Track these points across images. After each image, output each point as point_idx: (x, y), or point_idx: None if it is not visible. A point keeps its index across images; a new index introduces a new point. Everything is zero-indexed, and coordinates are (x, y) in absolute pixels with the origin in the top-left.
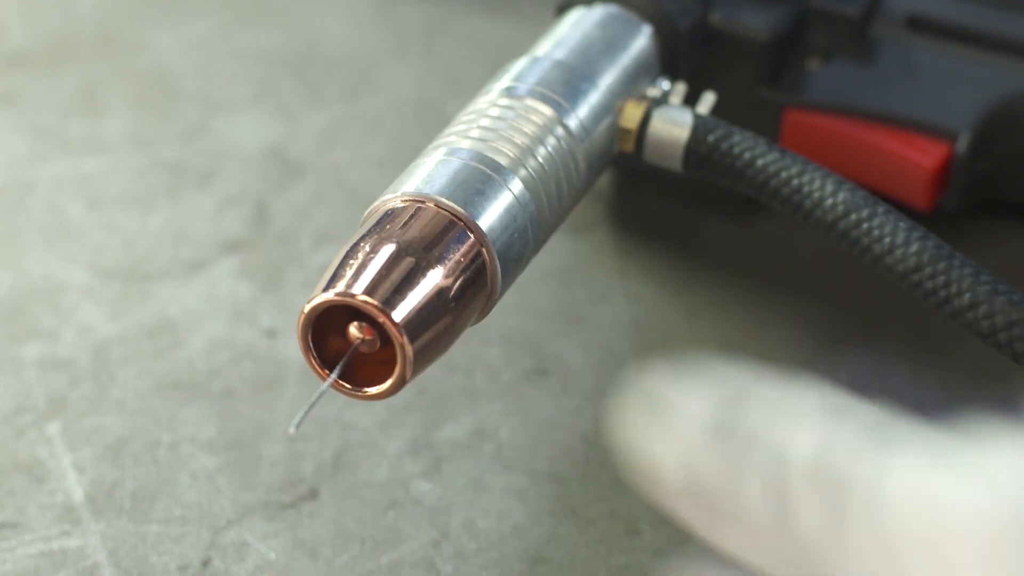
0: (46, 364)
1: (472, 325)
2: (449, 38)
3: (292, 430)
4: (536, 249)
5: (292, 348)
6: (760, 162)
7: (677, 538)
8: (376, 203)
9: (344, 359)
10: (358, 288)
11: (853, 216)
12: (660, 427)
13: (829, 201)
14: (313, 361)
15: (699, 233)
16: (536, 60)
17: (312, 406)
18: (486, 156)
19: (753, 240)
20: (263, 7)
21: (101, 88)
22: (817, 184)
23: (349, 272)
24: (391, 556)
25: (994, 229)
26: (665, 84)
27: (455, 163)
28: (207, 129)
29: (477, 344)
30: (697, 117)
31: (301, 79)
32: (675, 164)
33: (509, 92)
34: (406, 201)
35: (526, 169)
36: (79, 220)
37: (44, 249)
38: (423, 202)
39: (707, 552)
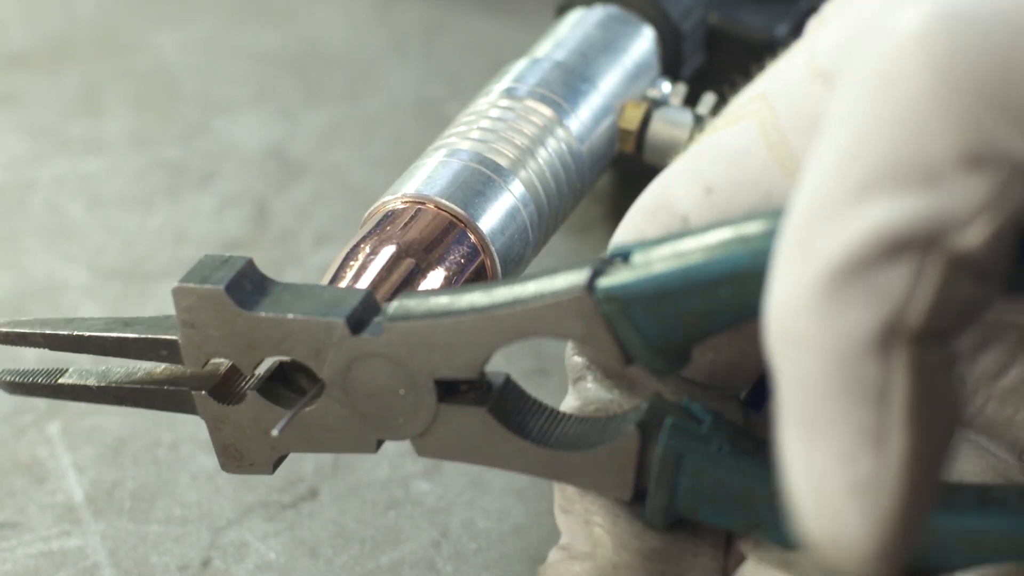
0: (46, 364)
1: None
2: (449, 38)
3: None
4: (536, 250)
5: None
6: None
7: None
8: (376, 204)
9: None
10: None
11: None
12: None
13: None
14: None
15: None
16: (536, 61)
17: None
18: (486, 157)
19: None
20: (263, 7)
21: (101, 88)
22: None
23: (349, 273)
24: (391, 556)
25: None
26: (665, 85)
27: (455, 164)
28: (207, 129)
29: None
30: (697, 118)
31: (301, 79)
32: None
33: (509, 93)
34: (406, 202)
35: (526, 170)
36: (79, 220)
37: (44, 249)
38: (423, 203)
39: None
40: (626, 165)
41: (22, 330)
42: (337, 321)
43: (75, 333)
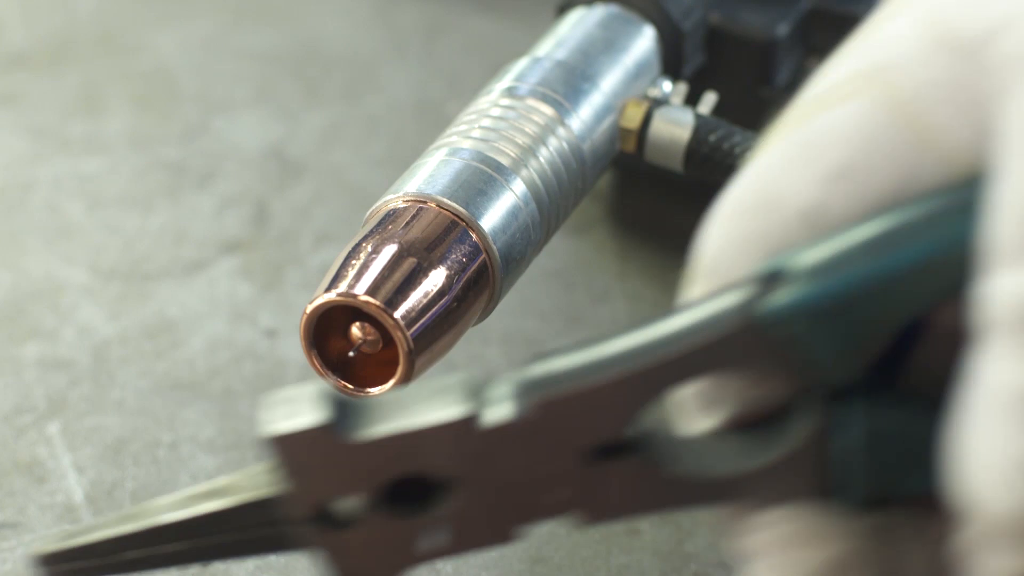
0: (46, 364)
1: (474, 325)
2: (449, 38)
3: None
4: (538, 249)
5: (292, 348)
6: None
7: (677, 538)
8: (378, 203)
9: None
10: (360, 288)
11: None
12: None
13: None
14: (315, 361)
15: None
16: (537, 60)
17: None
18: (488, 156)
19: None
20: (263, 7)
21: (101, 88)
22: None
23: (351, 272)
24: None
25: None
26: (666, 84)
27: (457, 163)
28: (207, 129)
29: (477, 344)
30: (698, 117)
31: (301, 79)
32: (676, 164)
33: (510, 92)
34: (408, 201)
35: (528, 169)
36: (79, 220)
37: (44, 249)
38: (425, 202)
39: None
40: (626, 164)
41: (84, 541)
42: (464, 414)
43: (151, 525)
